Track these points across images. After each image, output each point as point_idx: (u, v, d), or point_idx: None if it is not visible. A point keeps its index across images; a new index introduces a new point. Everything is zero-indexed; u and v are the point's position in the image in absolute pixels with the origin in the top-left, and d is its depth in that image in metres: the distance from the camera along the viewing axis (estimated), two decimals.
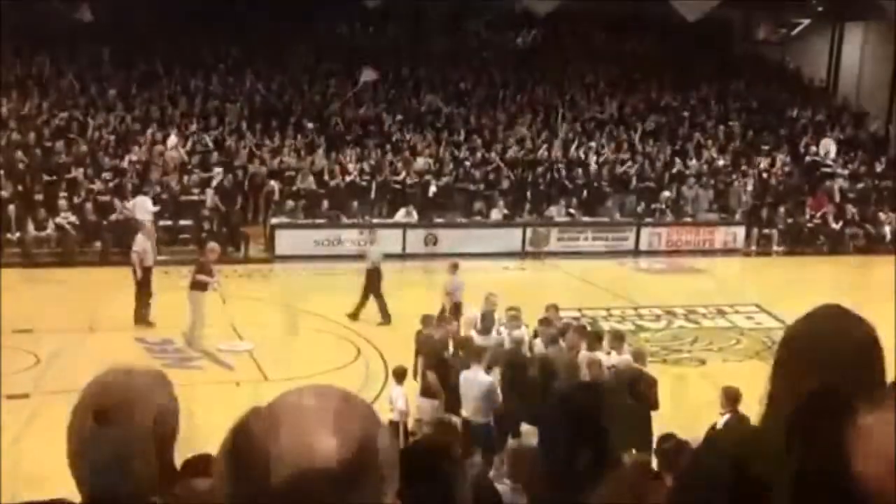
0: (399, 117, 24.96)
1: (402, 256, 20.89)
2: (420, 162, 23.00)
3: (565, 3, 24.05)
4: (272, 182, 21.59)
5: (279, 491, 1.12)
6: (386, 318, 15.56)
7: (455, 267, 14.84)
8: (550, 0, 19.11)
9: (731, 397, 8.63)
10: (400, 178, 22.52)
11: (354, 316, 15.71)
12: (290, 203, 21.05)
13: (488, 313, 11.89)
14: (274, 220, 20.58)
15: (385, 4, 25.98)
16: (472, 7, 29.26)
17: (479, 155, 23.79)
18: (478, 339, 11.09)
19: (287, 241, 19.97)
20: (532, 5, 20.58)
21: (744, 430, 2.14)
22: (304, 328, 15.36)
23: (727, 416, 8.58)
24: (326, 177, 22.10)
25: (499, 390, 9.90)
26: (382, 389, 12.37)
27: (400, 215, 21.66)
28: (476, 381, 9.90)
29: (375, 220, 21.60)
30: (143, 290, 15.13)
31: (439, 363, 11.04)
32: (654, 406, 9.73)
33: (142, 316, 15.03)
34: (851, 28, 29.99)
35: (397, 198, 22.22)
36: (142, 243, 15.46)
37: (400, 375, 10.79)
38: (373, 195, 22.15)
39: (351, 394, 1.25)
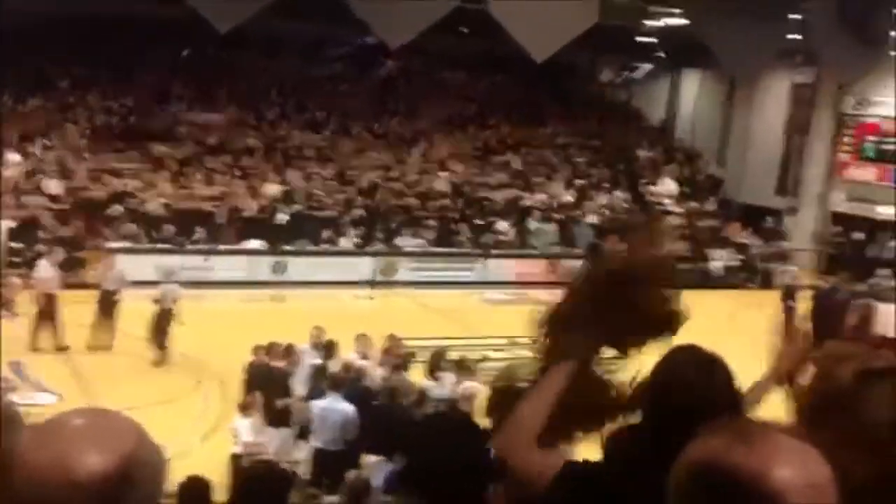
0: (250, 143, 24.64)
1: (249, 284, 20.57)
2: (270, 188, 22.76)
3: (419, 39, 24.36)
4: (114, 205, 20.88)
5: None
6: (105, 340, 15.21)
7: (170, 273, 15.28)
8: (404, 33, 19.32)
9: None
10: (249, 204, 22.19)
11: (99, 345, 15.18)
12: (131, 226, 20.39)
13: (319, 344, 11.87)
14: (113, 244, 19.85)
15: (239, 29, 25.60)
16: (329, 37, 29.24)
17: (330, 183, 23.76)
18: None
19: (127, 266, 19.25)
20: (386, 37, 20.75)
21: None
22: (142, 357, 14.89)
23: None
24: (171, 201, 21.54)
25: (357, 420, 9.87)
26: (222, 421, 12.11)
27: (251, 246, 21.37)
28: (336, 409, 9.84)
29: (222, 247, 21.20)
30: (47, 318, 14.62)
31: (284, 392, 10.93)
32: None
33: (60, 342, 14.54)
34: (688, 74, 31.66)
35: (245, 224, 21.88)
36: (47, 269, 14.89)
37: (246, 407, 10.62)
38: (220, 221, 21.71)
39: (117, 413, 1.30)
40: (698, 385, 2.16)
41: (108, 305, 15.41)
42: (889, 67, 22.98)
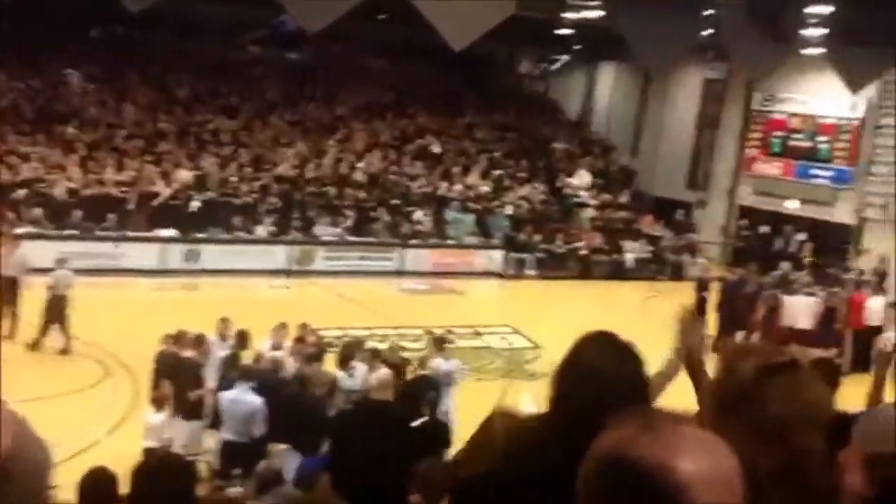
0: (162, 127, 24.07)
1: (161, 272, 20.17)
2: (183, 174, 22.29)
3: (338, 25, 24.15)
4: (19, 190, 20.18)
5: None
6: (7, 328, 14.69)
7: (63, 259, 15.00)
8: (321, 18, 19.04)
9: None
10: (161, 190, 21.69)
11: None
12: (36, 211, 19.74)
13: (225, 336, 11.67)
14: (18, 230, 19.19)
15: (152, 10, 24.96)
16: (245, 20, 28.72)
17: (246, 170, 23.38)
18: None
19: (32, 252, 18.62)
20: (303, 22, 20.45)
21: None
22: (48, 346, 14.46)
23: None
24: (80, 186, 20.92)
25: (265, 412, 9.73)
26: (131, 411, 11.86)
27: (164, 233, 20.91)
28: (244, 401, 9.69)
29: (133, 234, 20.68)
30: None
31: (195, 383, 10.74)
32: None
33: None
34: (604, 67, 32.08)
35: (157, 210, 21.39)
36: None
37: (159, 401, 10.35)
38: (130, 207, 21.18)
39: None
40: (610, 371, 2.17)
41: (8, 293, 14.88)
42: (796, 64, 23.65)
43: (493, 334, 18.04)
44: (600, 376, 2.14)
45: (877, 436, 2.76)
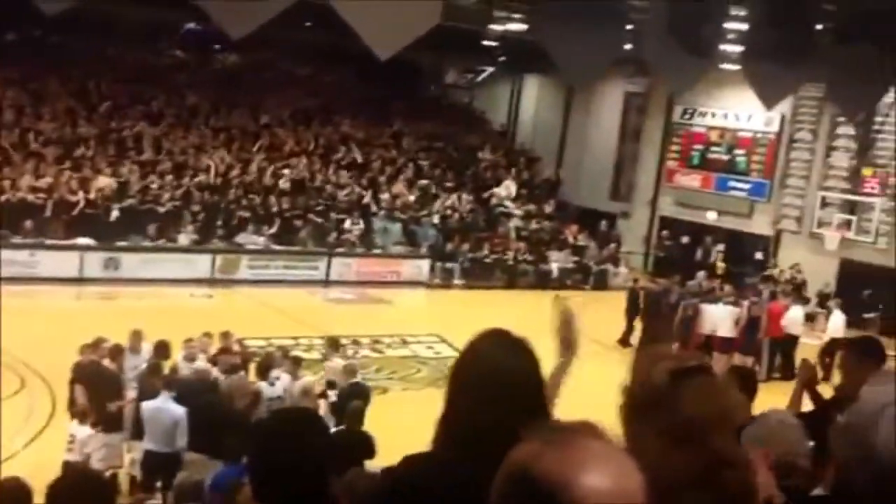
0: (81, 132, 23.51)
1: (79, 281, 19.72)
2: (103, 181, 21.80)
3: (263, 31, 23.89)
4: None
5: None
6: None
7: None
8: (245, 24, 18.91)
9: None
10: (80, 196, 21.18)
11: None
12: None
13: (136, 349, 11.45)
14: None
15: (70, 12, 24.37)
16: (168, 23, 28.22)
17: (167, 177, 22.97)
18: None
19: None
20: (226, 27, 20.27)
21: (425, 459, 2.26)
22: None
23: None
24: None
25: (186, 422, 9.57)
26: (49, 422, 11.57)
27: (82, 241, 20.43)
28: (166, 410, 9.53)
29: (49, 241, 20.16)
30: None
31: (115, 393, 10.52)
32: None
33: None
34: (529, 79, 32.39)
35: (76, 218, 20.89)
36: None
37: (83, 414, 10.07)
38: (47, 214, 20.64)
39: None
40: (505, 366, 2.21)
41: None
42: (715, 79, 24.21)
43: (420, 343, 18.05)
44: (496, 372, 2.19)
45: (762, 437, 2.88)
